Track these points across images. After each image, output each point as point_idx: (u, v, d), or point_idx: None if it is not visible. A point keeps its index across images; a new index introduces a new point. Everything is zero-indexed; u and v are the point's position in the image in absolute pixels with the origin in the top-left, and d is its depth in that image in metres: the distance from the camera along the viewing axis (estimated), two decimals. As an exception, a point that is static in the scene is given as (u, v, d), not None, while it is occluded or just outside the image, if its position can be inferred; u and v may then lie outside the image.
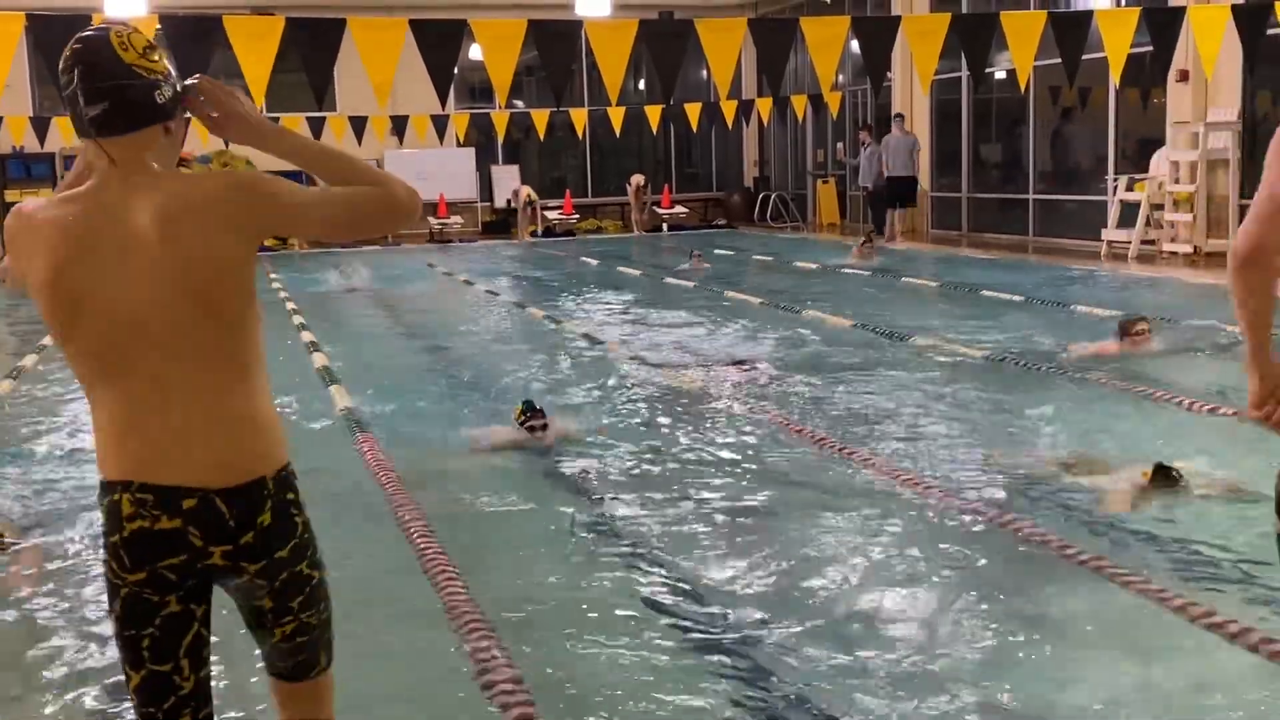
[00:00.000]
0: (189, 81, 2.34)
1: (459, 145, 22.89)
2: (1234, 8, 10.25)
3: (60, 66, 2.23)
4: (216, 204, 2.21)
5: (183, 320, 2.19)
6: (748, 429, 6.82)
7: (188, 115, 2.37)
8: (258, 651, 2.49)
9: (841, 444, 6.32)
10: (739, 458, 6.19)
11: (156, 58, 2.25)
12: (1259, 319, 2.42)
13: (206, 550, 2.21)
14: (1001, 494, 5.41)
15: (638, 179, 24.23)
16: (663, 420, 7.13)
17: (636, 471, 5.98)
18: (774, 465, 6.06)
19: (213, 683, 2.41)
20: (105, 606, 4.15)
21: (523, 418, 6.35)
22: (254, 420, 2.27)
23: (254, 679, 3.20)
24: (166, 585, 2.23)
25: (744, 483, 5.76)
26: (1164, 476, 5.14)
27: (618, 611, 4.20)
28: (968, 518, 5.05)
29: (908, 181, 19.80)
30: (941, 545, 4.74)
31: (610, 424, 7.02)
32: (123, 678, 2.33)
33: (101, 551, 2.28)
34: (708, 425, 6.92)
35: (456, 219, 23.29)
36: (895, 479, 5.65)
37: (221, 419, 2.23)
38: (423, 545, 4.68)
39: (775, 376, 8.26)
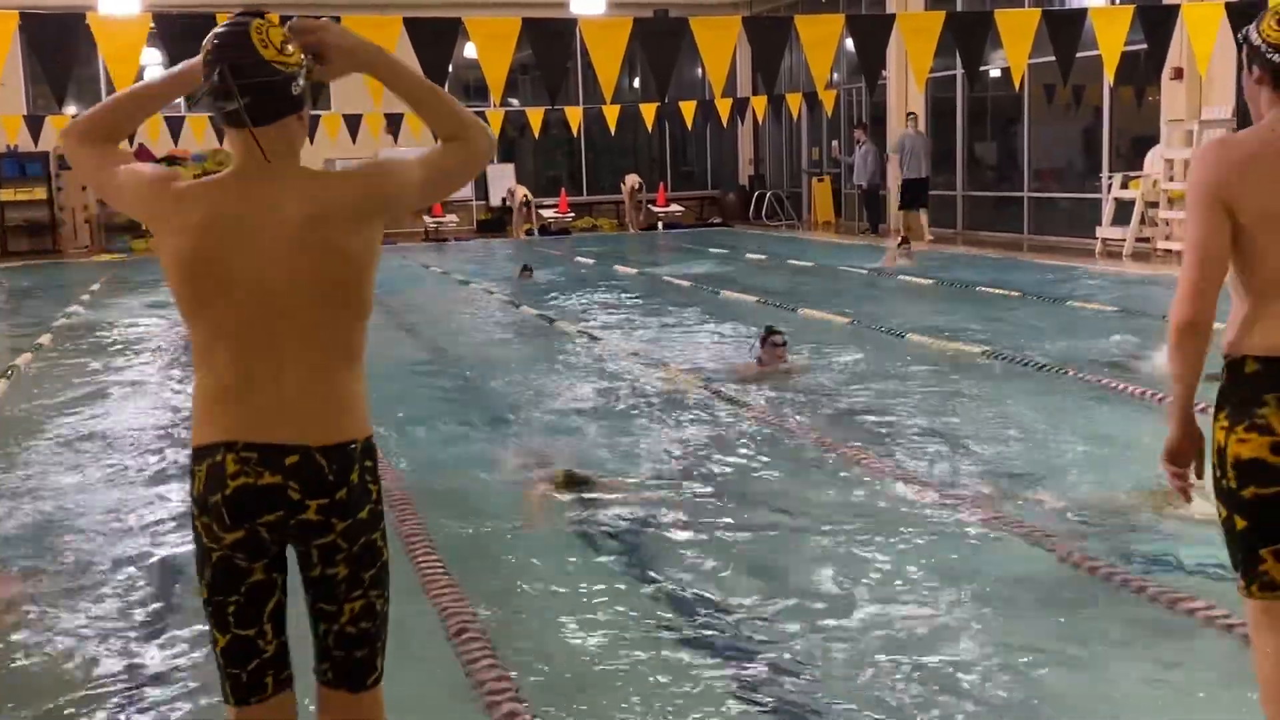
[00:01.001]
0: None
1: (454, 143, 22.82)
2: (1228, 5, 10.25)
3: (202, 58, 2.37)
4: (358, 205, 2.39)
5: (311, 306, 2.36)
6: (749, 431, 6.83)
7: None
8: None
9: (842, 445, 6.33)
10: (743, 463, 6.17)
11: (292, 50, 2.37)
12: (1189, 386, 2.67)
13: (303, 504, 2.35)
14: (1002, 496, 5.41)
15: (632, 180, 24.25)
16: (666, 424, 7.11)
17: (642, 479, 5.89)
18: (774, 469, 6.06)
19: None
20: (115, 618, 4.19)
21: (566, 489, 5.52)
22: (352, 395, 2.43)
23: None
24: (259, 549, 2.36)
25: (750, 488, 5.72)
26: None
27: (620, 616, 4.20)
28: (972, 521, 5.06)
29: (925, 182, 19.47)
30: (938, 544, 4.75)
31: (608, 425, 7.02)
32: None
33: (195, 518, 2.39)
34: (712, 429, 6.91)
35: (452, 217, 23.29)
36: (897, 480, 5.66)
37: (324, 392, 2.39)
38: (427, 561, 4.69)
39: (775, 379, 8.26)
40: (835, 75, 21.21)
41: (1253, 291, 2.62)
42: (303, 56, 2.39)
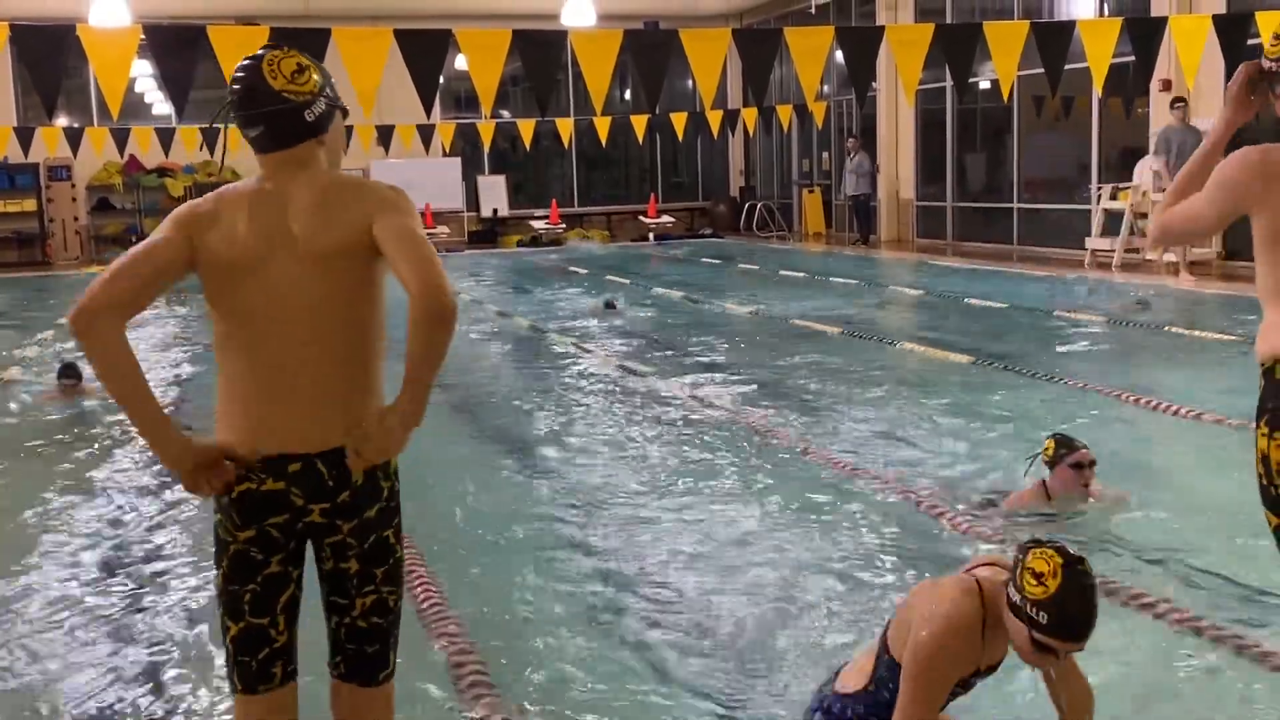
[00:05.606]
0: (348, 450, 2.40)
1: (445, 155, 22.89)
2: (1215, 18, 10.32)
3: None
4: (358, 204, 2.42)
5: (316, 305, 2.41)
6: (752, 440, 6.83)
7: (346, 123, 2.61)
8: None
9: (840, 453, 6.33)
10: (751, 470, 6.17)
11: (305, 80, 2.48)
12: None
13: (307, 508, 2.45)
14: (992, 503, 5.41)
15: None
16: (672, 430, 7.10)
17: (640, 485, 5.86)
18: (778, 476, 6.06)
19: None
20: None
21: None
22: (363, 395, 2.47)
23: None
24: (272, 544, 2.46)
25: (750, 498, 5.71)
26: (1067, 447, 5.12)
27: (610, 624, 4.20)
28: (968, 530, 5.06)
29: None
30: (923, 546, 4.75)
31: (606, 427, 7.02)
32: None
33: (216, 513, 2.51)
34: (716, 439, 6.92)
35: (443, 229, 23.30)
36: (894, 490, 5.66)
37: (335, 394, 2.44)
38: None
39: (769, 386, 8.26)
40: (825, 87, 21.29)
41: None
42: (319, 82, 2.48)
